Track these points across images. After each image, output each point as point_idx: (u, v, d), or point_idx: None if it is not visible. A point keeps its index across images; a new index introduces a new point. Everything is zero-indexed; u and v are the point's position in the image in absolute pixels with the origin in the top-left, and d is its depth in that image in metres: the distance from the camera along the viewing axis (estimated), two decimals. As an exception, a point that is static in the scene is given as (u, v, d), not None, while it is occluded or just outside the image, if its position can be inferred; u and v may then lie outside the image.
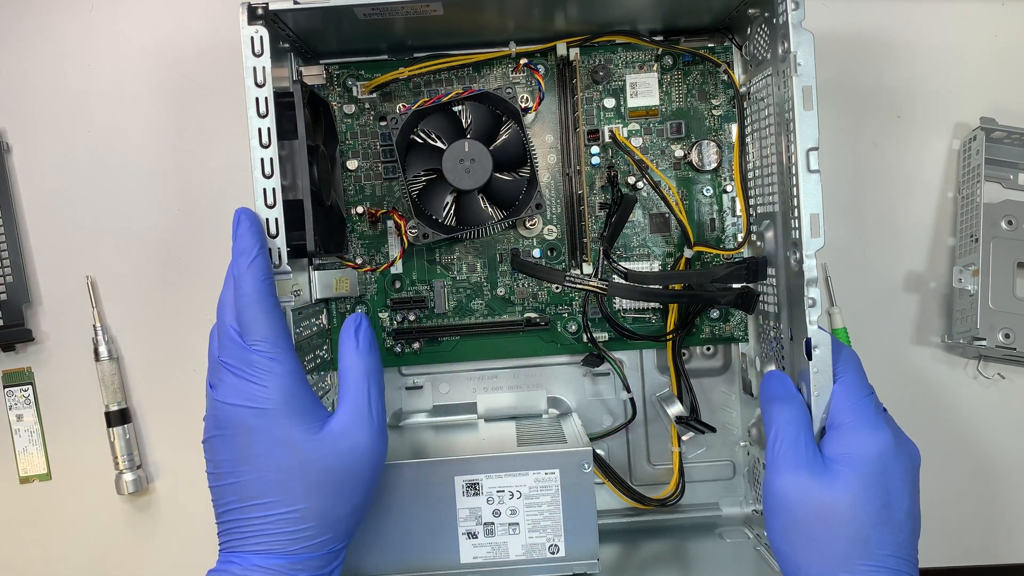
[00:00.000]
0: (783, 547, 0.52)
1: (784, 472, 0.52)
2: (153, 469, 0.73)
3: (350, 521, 0.51)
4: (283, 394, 0.48)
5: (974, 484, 0.73)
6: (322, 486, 0.49)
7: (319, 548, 0.49)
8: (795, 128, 0.53)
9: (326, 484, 0.49)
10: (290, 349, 0.50)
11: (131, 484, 0.71)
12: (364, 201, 0.70)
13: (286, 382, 0.49)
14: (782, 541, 0.52)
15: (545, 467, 0.59)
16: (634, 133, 0.70)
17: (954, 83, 0.73)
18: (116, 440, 0.71)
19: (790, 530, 0.51)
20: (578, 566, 0.60)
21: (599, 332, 0.70)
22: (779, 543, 0.52)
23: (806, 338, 0.53)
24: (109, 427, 0.71)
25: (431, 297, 0.70)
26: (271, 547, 0.48)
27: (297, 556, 0.48)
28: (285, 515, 0.48)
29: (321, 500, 0.49)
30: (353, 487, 0.50)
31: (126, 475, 0.71)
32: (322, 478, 0.49)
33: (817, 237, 0.53)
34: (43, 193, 0.72)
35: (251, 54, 0.53)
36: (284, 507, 0.48)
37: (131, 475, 0.71)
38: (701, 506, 0.73)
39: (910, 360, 0.73)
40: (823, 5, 0.72)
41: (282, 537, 0.48)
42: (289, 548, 0.48)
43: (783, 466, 0.52)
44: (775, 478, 0.52)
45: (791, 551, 0.51)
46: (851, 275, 0.73)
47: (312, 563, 0.49)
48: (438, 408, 0.73)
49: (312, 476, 0.48)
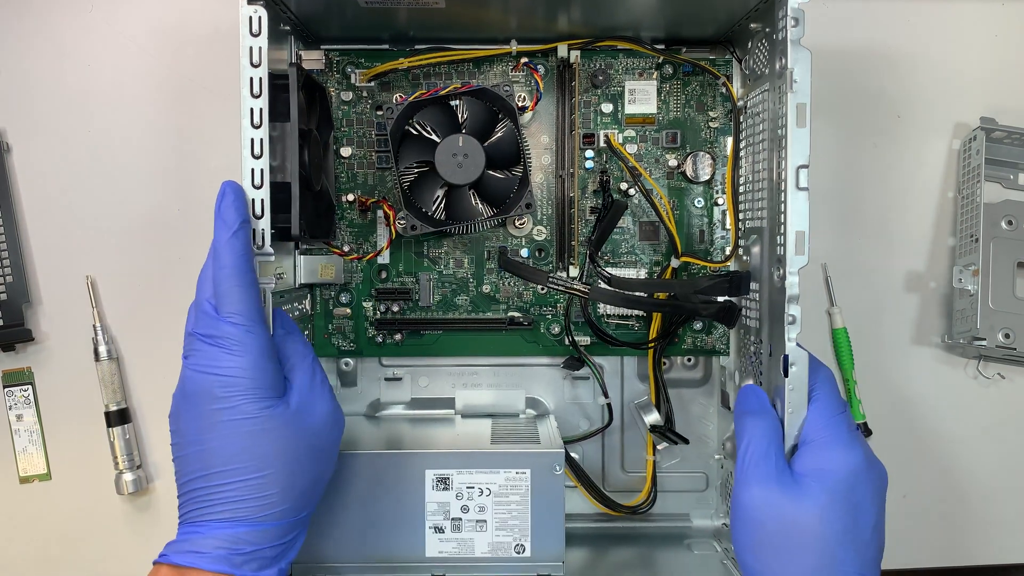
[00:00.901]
0: (749, 560, 0.52)
1: (753, 485, 0.52)
2: (153, 469, 0.73)
3: (312, 491, 0.52)
4: (253, 365, 0.49)
5: (974, 484, 0.74)
6: (285, 453, 0.49)
7: (283, 516, 0.49)
8: (787, 145, 0.53)
9: (289, 451, 0.49)
10: (261, 321, 0.50)
11: (131, 484, 0.71)
12: (355, 189, 0.70)
13: (257, 354, 0.49)
14: (748, 554, 0.52)
15: (517, 466, 0.59)
16: (629, 140, 0.70)
17: (954, 83, 0.73)
18: (116, 440, 0.71)
19: (757, 543, 0.51)
20: (543, 567, 0.60)
21: (581, 336, 0.69)
22: (745, 556, 0.52)
23: (784, 355, 0.53)
24: (109, 427, 0.71)
25: (416, 289, 0.70)
26: (236, 515, 0.48)
27: (262, 524, 0.48)
28: (250, 481, 0.48)
29: (285, 467, 0.49)
30: (315, 455, 0.51)
31: (126, 475, 0.71)
32: (285, 445, 0.49)
33: (802, 255, 0.53)
34: (43, 193, 0.72)
35: (248, 33, 0.52)
36: (249, 473, 0.48)
37: (131, 475, 0.71)
38: (672, 516, 0.73)
39: (910, 360, 0.74)
40: (824, 6, 0.72)
41: (247, 504, 0.48)
42: (254, 515, 0.48)
43: (752, 479, 0.52)
44: (744, 490, 0.52)
45: (757, 565, 0.51)
46: (851, 275, 0.73)
47: (276, 532, 0.49)
48: (416, 401, 0.73)
49: (276, 443, 0.49)
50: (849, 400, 0.72)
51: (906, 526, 0.73)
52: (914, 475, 0.73)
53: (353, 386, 0.73)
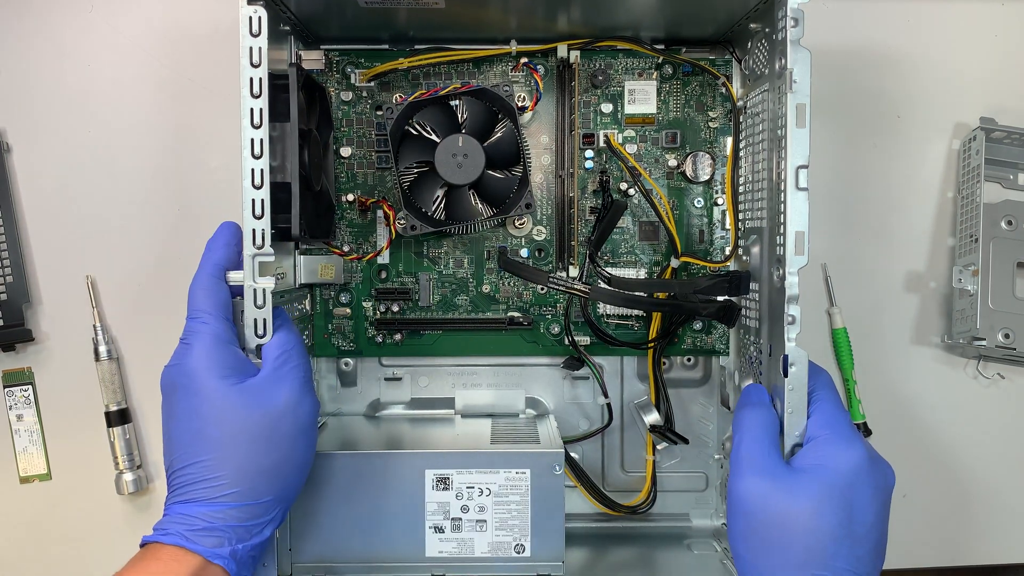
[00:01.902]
0: (740, 549, 0.52)
1: (747, 473, 0.52)
2: (153, 469, 0.73)
3: (275, 476, 0.51)
4: (207, 352, 0.51)
5: (974, 484, 0.74)
6: (237, 436, 0.50)
7: (240, 499, 0.50)
8: (787, 145, 0.53)
9: (242, 434, 0.50)
10: (221, 317, 0.53)
11: (131, 484, 0.71)
12: (355, 189, 0.70)
13: (210, 342, 0.51)
14: (740, 543, 0.52)
15: (516, 466, 0.59)
16: (629, 140, 0.70)
17: (954, 83, 0.73)
18: (116, 440, 0.71)
19: (749, 533, 0.51)
20: (543, 567, 0.60)
21: (581, 336, 0.69)
22: (737, 545, 0.52)
23: (783, 355, 0.53)
24: (109, 427, 0.71)
25: (416, 289, 0.70)
26: (193, 496, 0.50)
27: (217, 504, 0.49)
28: (202, 462, 0.50)
29: (238, 449, 0.50)
30: (274, 440, 0.51)
31: (126, 475, 0.71)
32: (237, 428, 0.50)
33: (801, 255, 0.53)
34: (43, 193, 0.72)
35: (248, 34, 0.52)
36: (200, 455, 0.50)
37: (131, 475, 0.71)
38: (671, 516, 0.73)
39: (910, 360, 0.74)
40: (824, 6, 0.72)
41: (201, 486, 0.50)
42: (208, 496, 0.49)
43: (746, 468, 0.52)
44: (738, 480, 0.52)
45: (748, 554, 0.51)
46: (851, 275, 0.73)
47: (234, 513, 0.50)
48: (416, 401, 0.73)
49: (228, 426, 0.50)
50: (849, 400, 0.72)
51: (906, 526, 0.73)
52: (914, 475, 0.73)
53: (353, 386, 0.73)
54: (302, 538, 0.59)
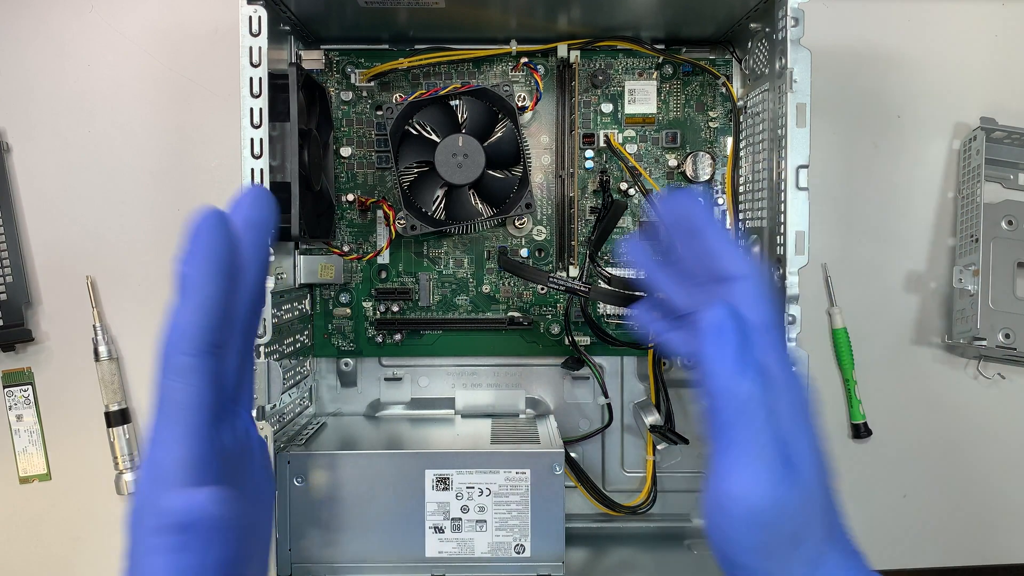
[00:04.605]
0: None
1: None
2: None
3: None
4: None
5: (974, 484, 0.74)
6: None
7: None
8: (787, 144, 0.53)
9: None
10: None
11: (131, 484, 0.71)
12: (355, 189, 0.70)
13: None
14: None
15: (516, 466, 0.59)
16: (629, 140, 0.70)
17: (954, 83, 0.73)
18: (116, 440, 0.71)
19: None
20: (543, 567, 0.60)
21: (581, 336, 0.69)
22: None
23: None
24: (109, 427, 0.71)
25: (416, 289, 0.70)
26: None
27: None
28: None
29: None
30: None
31: (126, 475, 0.71)
32: None
33: (802, 255, 0.53)
34: (43, 193, 0.72)
35: (248, 33, 0.52)
36: None
37: (131, 475, 0.71)
38: (672, 516, 0.73)
39: (910, 360, 0.74)
40: (824, 6, 0.72)
41: None
42: None
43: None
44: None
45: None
46: (852, 275, 0.73)
47: None
48: (416, 401, 0.73)
49: None
50: (849, 400, 0.72)
51: (906, 526, 0.73)
52: (914, 475, 0.73)
53: (353, 386, 0.73)
54: (302, 538, 0.59)
